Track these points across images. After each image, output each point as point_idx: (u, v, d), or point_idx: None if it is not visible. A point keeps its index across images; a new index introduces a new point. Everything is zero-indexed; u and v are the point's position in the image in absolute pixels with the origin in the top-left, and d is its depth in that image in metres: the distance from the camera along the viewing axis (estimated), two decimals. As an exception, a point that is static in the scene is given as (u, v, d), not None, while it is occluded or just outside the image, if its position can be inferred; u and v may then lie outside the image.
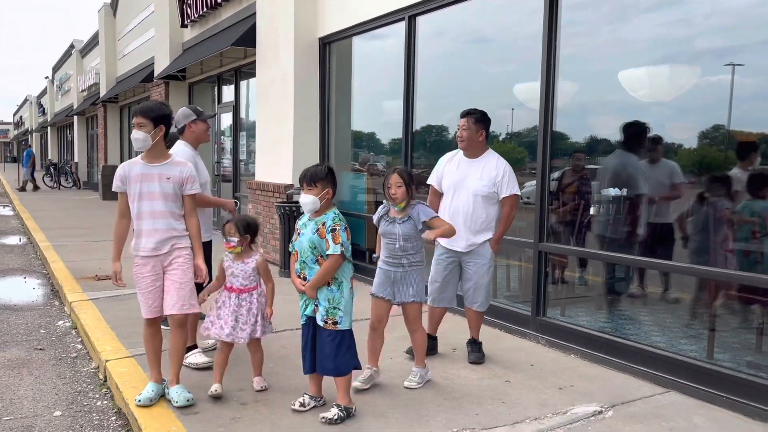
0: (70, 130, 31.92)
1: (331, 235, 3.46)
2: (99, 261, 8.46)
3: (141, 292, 3.73)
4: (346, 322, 3.58)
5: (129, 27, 18.61)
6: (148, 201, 3.67)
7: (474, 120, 4.52)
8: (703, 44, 4.16)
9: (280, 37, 8.44)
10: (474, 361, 4.56)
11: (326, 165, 3.61)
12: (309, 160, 8.32)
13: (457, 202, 4.52)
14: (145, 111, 3.67)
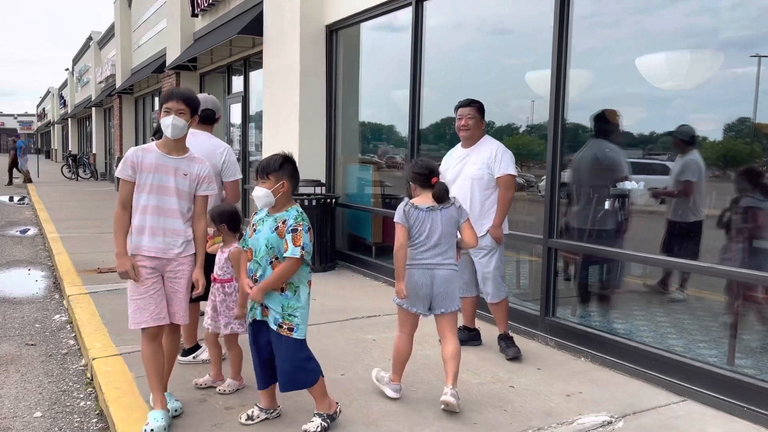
0: (89, 121, 32.14)
1: (292, 236, 3.10)
2: (105, 253, 8.36)
3: (140, 296, 3.24)
4: (302, 331, 3.20)
5: (143, 18, 18.54)
6: (158, 195, 3.28)
7: (478, 109, 4.50)
8: (728, 35, 3.97)
9: (287, 25, 8.21)
10: (513, 357, 4.40)
11: (282, 154, 3.24)
12: (315, 151, 8.12)
13: (457, 191, 4.37)
14: (186, 97, 3.32)
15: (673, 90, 4.32)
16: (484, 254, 4.46)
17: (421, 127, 6.58)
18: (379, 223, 7.59)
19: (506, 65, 5.72)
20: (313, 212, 7.31)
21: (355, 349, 4.64)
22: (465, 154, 4.56)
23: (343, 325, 5.23)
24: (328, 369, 4.19)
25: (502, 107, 5.82)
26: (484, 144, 4.52)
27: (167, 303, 3.34)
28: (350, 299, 6.14)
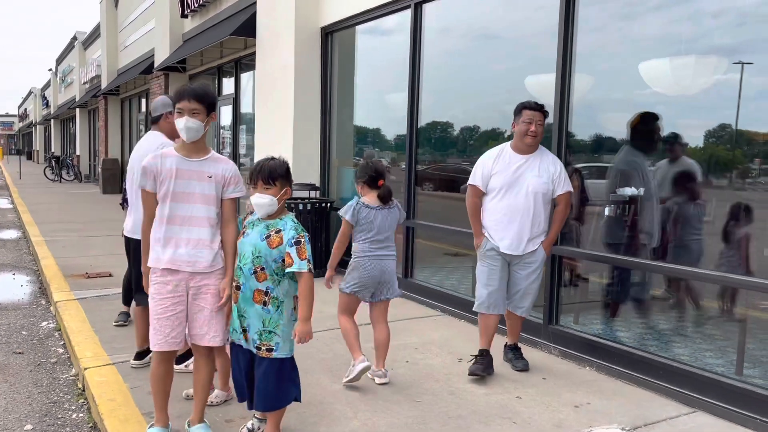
0: (72, 122, 31.69)
1: (296, 249, 2.87)
2: (92, 258, 8.16)
3: (158, 317, 3.01)
4: (285, 349, 2.98)
5: (130, 18, 18.31)
6: (182, 203, 3.02)
7: (545, 115, 4.17)
8: (711, 42, 4.00)
9: (281, 27, 8.10)
10: (522, 369, 4.32)
11: (284, 159, 3.05)
12: (309, 154, 8.01)
13: (514, 201, 4.12)
14: (200, 95, 3.02)
15: (657, 96, 4.33)
16: (534, 269, 4.22)
17: (419, 130, 6.49)
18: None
19: (504, 69, 5.66)
20: (307, 217, 7.20)
21: (355, 358, 4.52)
22: (522, 161, 4.14)
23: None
24: (328, 379, 4.08)
25: (500, 112, 5.76)
26: (545, 156, 4.20)
27: (191, 323, 3.08)
28: (347, 306, 6.02)
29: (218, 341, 3.11)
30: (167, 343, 3.03)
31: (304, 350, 4.59)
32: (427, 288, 6.24)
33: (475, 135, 6.11)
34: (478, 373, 4.09)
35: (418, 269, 6.56)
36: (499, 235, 4.18)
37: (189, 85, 3.13)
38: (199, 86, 3.12)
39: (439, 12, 6.25)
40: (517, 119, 4.16)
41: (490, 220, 4.23)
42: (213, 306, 3.06)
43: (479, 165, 4.28)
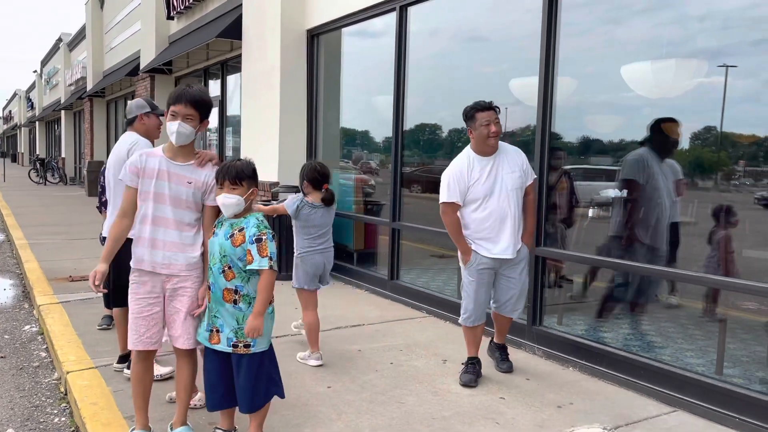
0: (58, 125, 31.44)
1: (257, 246, 2.88)
2: (76, 261, 8.11)
3: (134, 317, 3.05)
4: (262, 344, 2.99)
5: (116, 20, 18.20)
6: (162, 204, 3.02)
7: (498, 111, 4.07)
8: (696, 45, 4.04)
9: (267, 29, 8.10)
10: (507, 370, 4.31)
11: (249, 160, 3.05)
12: (296, 156, 8.00)
13: (498, 205, 4.01)
14: (196, 100, 2.98)
15: (642, 99, 4.37)
16: (522, 267, 4.15)
17: (405, 132, 6.52)
18: (360, 230, 7.50)
19: (490, 72, 5.70)
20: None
21: (340, 360, 4.53)
22: (491, 163, 4.03)
23: (327, 335, 5.12)
24: (313, 381, 4.09)
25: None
26: (505, 149, 4.12)
27: (168, 324, 3.09)
28: (333, 308, 6.03)
29: (192, 343, 3.10)
30: (142, 342, 3.05)
31: (288, 352, 4.60)
32: (412, 290, 6.26)
33: (462, 137, 6.14)
34: (472, 384, 4.06)
35: (404, 271, 6.58)
36: (491, 245, 4.04)
37: (188, 89, 3.06)
38: (198, 91, 3.07)
39: (425, 15, 6.27)
40: (472, 124, 4.01)
41: (478, 231, 4.06)
42: (189, 309, 3.06)
43: (453, 179, 4.04)
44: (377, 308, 6.11)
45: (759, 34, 3.69)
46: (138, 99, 4.42)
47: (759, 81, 3.71)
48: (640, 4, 4.33)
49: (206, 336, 3.02)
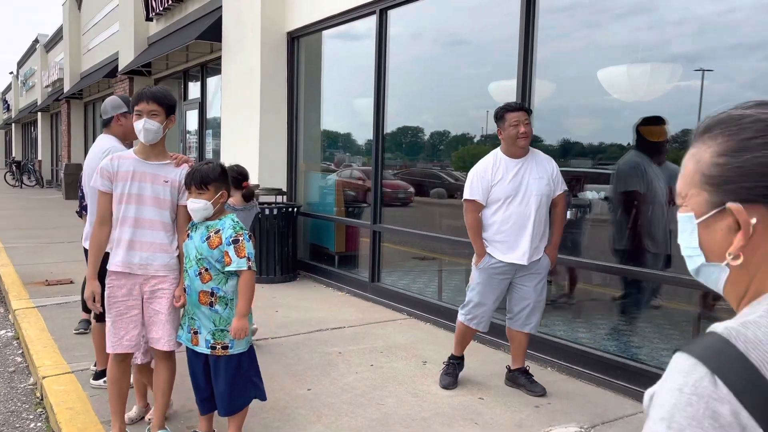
0: (34, 127, 30.98)
1: (234, 248, 2.88)
2: (53, 264, 7.99)
3: (111, 320, 3.03)
4: (240, 344, 2.98)
5: (94, 21, 18.00)
6: (136, 205, 3.00)
7: (529, 113, 3.92)
8: (673, 50, 4.10)
9: (247, 31, 8.07)
10: (541, 394, 3.96)
11: (219, 163, 3.02)
12: (276, 158, 7.98)
13: (520, 209, 3.85)
14: (159, 97, 3.00)
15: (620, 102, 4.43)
16: (541, 279, 3.95)
17: (386, 135, 6.54)
18: (342, 232, 7.50)
19: (467, 75, 5.74)
20: (274, 221, 7.18)
21: (321, 362, 4.53)
22: (519, 165, 3.88)
23: (308, 337, 5.12)
24: (293, 384, 4.08)
25: (461, 116, 5.85)
26: (538, 156, 3.97)
27: (147, 327, 3.07)
28: (313, 310, 6.03)
29: (172, 345, 3.09)
30: (120, 345, 3.04)
31: (269, 355, 4.59)
32: (393, 292, 6.27)
33: (444, 140, 6.18)
34: (450, 388, 4.02)
35: (385, 273, 6.59)
36: (507, 248, 3.89)
37: (148, 87, 3.11)
38: (158, 88, 3.11)
39: (405, 18, 6.30)
40: (501, 124, 3.89)
41: (497, 233, 3.90)
42: (168, 310, 3.05)
43: (476, 177, 3.93)
44: (358, 310, 6.12)
45: (735, 39, 3.76)
46: (113, 97, 4.24)
47: (735, 85, 3.78)
48: (617, 8, 4.40)
49: (189, 337, 3.02)
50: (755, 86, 3.68)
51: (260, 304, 6.08)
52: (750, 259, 0.83)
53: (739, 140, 0.84)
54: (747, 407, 0.70)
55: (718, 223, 0.85)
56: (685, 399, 0.73)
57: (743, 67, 3.73)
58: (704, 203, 0.87)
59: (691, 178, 0.89)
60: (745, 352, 0.73)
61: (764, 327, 0.75)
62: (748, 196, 0.82)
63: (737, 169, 0.83)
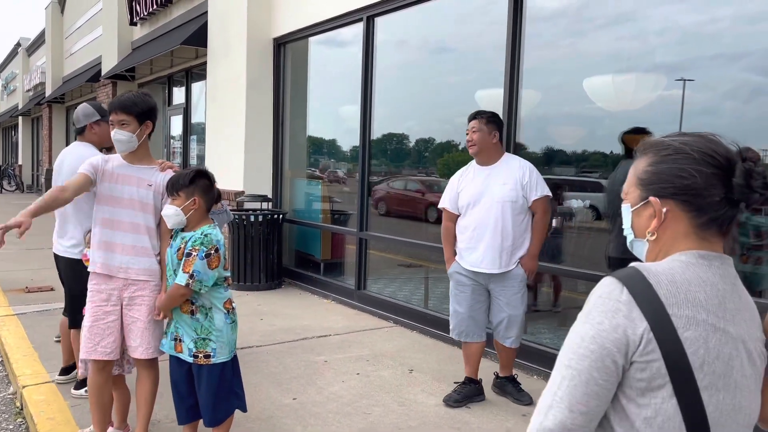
0: (15, 131, 30.59)
1: (185, 261, 2.82)
2: (33, 271, 7.88)
3: (89, 326, 2.97)
4: (222, 354, 2.92)
5: (77, 25, 17.84)
6: (119, 207, 2.97)
7: (486, 120, 3.86)
8: (655, 59, 4.14)
9: (232, 37, 8.04)
10: (528, 403, 3.95)
11: (195, 169, 2.95)
12: (261, 165, 7.94)
13: (480, 214, 3.82)
14: (126, 106, 2.93)
15: (603, 111, 4.47)
16: (515, 291, 3.85)
17: (372, 141, 6.53)
18: (327, 240, 7.47)
19: (455, 82, 5.76)
20: (259, 229, 7.13)
21: (306, 371, 4.49)
22: (486, 172, 3.88)
23: (293, 345, 5.08)
24: (278, 393, 4.04)
25: (447, 124, 5.87)
26: (510, 162, 3.90)
27: (126, 334, 3.02)
28: (299, 318, 5.99)
29: (151, 353, 3.04)
30: (96, 351, 2.97)
31: (254, 364, 4.54)
32: (379, 299, 6.25)
33: (429, 147, 6.19)
34: (449, 403, 3.92)
35: (371, 281, 6.57)
36: (469, 255, 3.88)
37: (120, 96, 3.04)
38: (128, 96, 3.01)
39: (392, 25, 6.31)
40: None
41: (461, 239, 3.93)
42: (146, 318, 3.00)
43: (448, 186, 4.04)
44: (344, 318, 6.09)
45: (716, 49, 3.81)
46: (84, 105, 4.07)
47: (716, 94, 3.83)
48: (601, 18, 4.44)
49: (172, 345, 2.97)
50: (735, 95, 3.73)
51: (245, 311, 6.02)
52: (661, 236, 1.20)
53: (660, 156, 1.21)
54: (641, 308, 1.08)
55: (644, 212, 1.22)
56: (601, 301, 1.12)
57: (724, 76, 3.78)
58: (637, 197, 1.24)
59: (630, 180, 1.26)
60: (646, 276, 1.12)
61: (661, 266, 1.15)
62: (663, 193, 1.19)
63: (657, 175, 1.20)
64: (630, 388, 1.09)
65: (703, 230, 1.16)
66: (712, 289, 1.12)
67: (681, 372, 1.06)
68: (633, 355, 1.08)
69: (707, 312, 1.09)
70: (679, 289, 1.10)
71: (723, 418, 1.09)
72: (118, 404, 3.28)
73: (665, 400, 1.07)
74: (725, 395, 1.09)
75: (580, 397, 1.09)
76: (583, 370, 1.09)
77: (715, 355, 1.08)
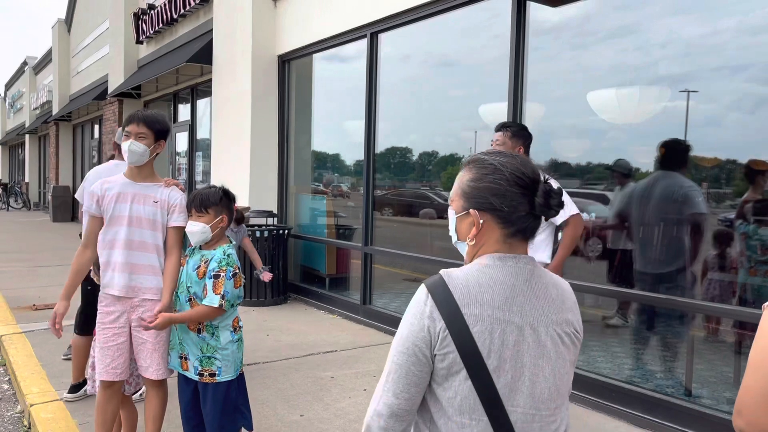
0: (22, 149, 30.83)
1: (213, 282, 2.81)
2: (40, 288, 7.90)
3: (100, 347, 2.97)
4: (228, 372, 2.90)
5: (83, 43, 18.03)
6: (126, 227, 2.95)
7: (511, 134, 3.75)
8: (659, 72, 4.15)
9: (237, 54, 8.11)
10: None
11: (221, 187, 2.98)
12: (267, 180, 7.98)
13: None
14: (149, 120, 2.98)
15: (608, 123, 4.48)
16: None
17: (376, 155, 6.56)
18: (333, 254, 7.48)
19: (458, 96, 5.79)
20: (264, 243, 7.14)
21: (313, 387, 4.48)
22: None
23: (299, 362, 5.07)
24: (285, 409, 4.03)
25: (451, 137, 5.89)
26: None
27: (136, 354, 3.03)
28: (305, 334, 5.98)
29: (162, 374, 3.04)
30: (107, 372, 2.97)
31: (261, 380, 4.53)
32: (385, 314, 6.24)
33: (433, 160, 6.21)
34: None
35: (376, 295, 6.57)
36: None
37: (142, 110, 3.09)
38: (152, 113, 3.08)
39: (395, 41, 6.36)
40: None
41: None
42: (154, 339, 3.00)
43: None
44: (350, 333, 6.08)
45: (719, 61, 3.82)
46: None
47: (720, 105, 3.84)
48: (604, 31, 4.46)
49: (178, 363, 2.97)
50: (739, 106, 3.74)
51: (251, 327, 6.02)
52: (479, 241, 1.40)
53: (481, 174, 1.39)
54: (439, 310, 1.30)
55: (465, 219, 1.42)
56: (414, 305, 1.35)
57: (727, 88, 3.79)
58: (460, 207, 1.42)
59: (456, 191, 1.44)
60: (447, 282, 1.33)
61: (462, 271, 1.36)
62: (481, 207, 1.38)
63: (477, 190, 1.39)
64: (436, 374, 1.32)
65: (510, 238, 1.38)
66: (501, 287, 1.34)
67: (472, 359, 1.29)
68: (434, 348, 1.30)
69: (493, 308, 1.31)
70: (471, 291, 1.32)
71: (513, 393, 1.31)
72: (126, 423, 3.28)
73: (462, 382, 1.30)
74: (513, 374, 1.31)
75: (403, 386, 1.33)
76: (402, 364, 1.33)
77: (500, 342, 1.30)
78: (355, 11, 6.54)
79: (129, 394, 3.23)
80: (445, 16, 5.65)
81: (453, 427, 1.31)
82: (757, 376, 1.22)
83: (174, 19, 10.75)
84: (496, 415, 1.30)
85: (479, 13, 5.39)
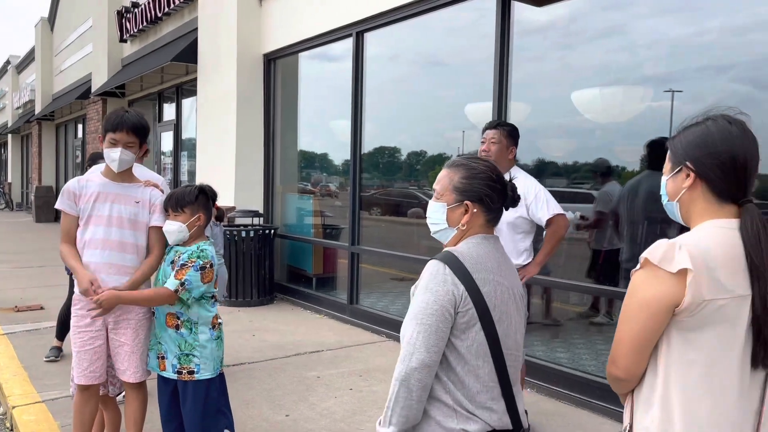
0: (4, 149, 30.45)
1: (178, 270, 2.81)
2: (22, 290, 7.79)
3: (77, 350, 2.93)
4: (207, 370, 2.87)
5: (66, 42, 17.85)
6: (105, 227, 2.90)
7: (507, 133, 3.68)
8: (644, 72, 4.18)
9: (223, 53, 8.06)
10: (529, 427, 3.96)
11: (198, 186, 2.95)
12: (252, 180, 7.94)
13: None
14: (136, 127, 2.92)
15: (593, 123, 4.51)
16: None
17: (363, 155, 6.55)
18: (320, 254, 7.46)
19: (444, 96, 5.80)
20: (250, 243, 7.11)
21: (298, 387, 4.46)
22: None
23: (285, 362, 5.05)
24: (271, 410, 4.01)
25: (438, 137, 5.90)
26: (517, 179, 3.72)
27: (114, 357, 2.99)
28: (291, 334, 5.95)
29: (140, 377, 3.01)
30: (85, 376, 2.94)
31: (246, 381, 4.51)
32: (372, 314, 6.23)
33: (421, 160, 6.21)
34: None
35: (363, 295, 6.56)
36: None
37: (125, 114, 2.98)
38: (136, 117, 2.99)
39: (381, 40, 6.36)
40: None
41: None
42: (132, 341, 2.96)
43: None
44: (336, 333, 6.06)
45: (703, 61, 3.85)
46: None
47: (704, 105, 3.82)
48: (590, 31, 4.49)
49: (156, 363, 2.94)
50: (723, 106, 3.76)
51: (237, 328, 5.99)
52: (468, 226, 1.77)
53: (472, 173, 1.78)
54: (458, 276, 1.66)
55: (457, 210, 1.78)
56: (433, 276, 1.68)
57: (712, 87, 3.82)
58: (453, 199, 1.79)
59: (446, 186, 1.81)
60: (457, 255, 1.70)
61: (462, 247, 1.74)
62: (473, 199, 1.76)
63: (471, 186, 1.77)
64: (456, 329, 1.66)
65: (489, 223, 1.79)
66: (493, 257, 1.75)
67: (484, 313, 1.67)
68: (458, 307, 1.65)
69: (492, 273, 1.71)
70: (476, 260, 1.71)
71: (506, 339, 1.71)
72: (109, 424, 3.24)
73: (477, 332, 1.66)
74: (507, 323, 1.72)
75: (434, 341, 1.64)
76: (432, 324, 1.64)
77: (500, 300, 1.70)
78: (340, 10, 6.53)
79: (113, 395, 3.20)
80: (431, 15, 5.65)
81: (469, 369, 1.67)
82: (626, 328, 1.50)
83: (158, 18, 10.67)
84: (497, 356, 1.68)
85: (465, 12, 5.40)
